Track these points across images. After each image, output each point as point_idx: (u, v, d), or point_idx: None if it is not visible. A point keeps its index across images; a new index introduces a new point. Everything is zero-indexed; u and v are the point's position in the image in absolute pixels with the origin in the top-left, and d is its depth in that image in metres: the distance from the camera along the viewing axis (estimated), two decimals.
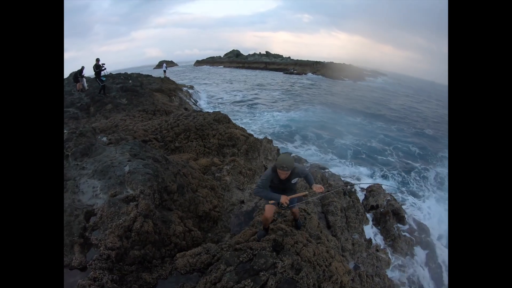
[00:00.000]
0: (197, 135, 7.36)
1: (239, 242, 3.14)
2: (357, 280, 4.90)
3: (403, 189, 11.11)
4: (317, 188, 2.81)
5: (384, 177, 11.91)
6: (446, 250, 7.85)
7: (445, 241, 8.23)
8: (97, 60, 11.06)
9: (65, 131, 4.45)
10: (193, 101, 19.00)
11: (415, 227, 8.34)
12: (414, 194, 10.81)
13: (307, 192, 3.10)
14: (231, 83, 35.35)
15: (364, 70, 72.45)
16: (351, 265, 4.93)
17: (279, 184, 2.89)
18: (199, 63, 70.91)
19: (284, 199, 2.73)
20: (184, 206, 3.95)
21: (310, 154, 13.18)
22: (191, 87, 22.56)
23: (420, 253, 7.45)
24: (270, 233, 3.28)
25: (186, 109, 12.64)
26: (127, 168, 3.32)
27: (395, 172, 12.48)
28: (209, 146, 7.27)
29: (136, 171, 3.29)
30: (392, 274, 6.38)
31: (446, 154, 15.29)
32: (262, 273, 2.35)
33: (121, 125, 7.88)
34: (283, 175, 2.72)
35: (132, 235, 2.63)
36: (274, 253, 2.67)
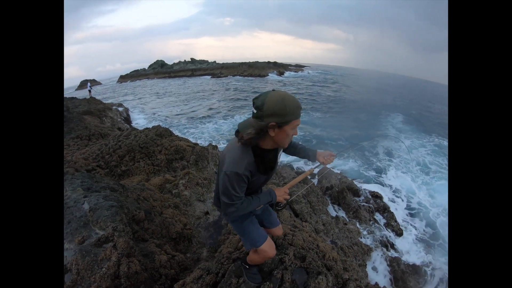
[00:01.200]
0: (142, 154, 6.83)
1: (232, 252, 2.99)
2: (341, 253, 5.27)
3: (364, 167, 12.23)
4: (326, 157, 1.92)
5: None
6: (400, 208, 9.37)
7: (398, 201, 9.64)
8: None
9: None
10: (125, 119, 17.79)
11: (369, 196, 9.46)
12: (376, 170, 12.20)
13: (312, 169, 2.06)
14: (161, 95, 33.89)
15: (289, 65, 77.18)
16: (328, 242, 5.22)
17: (265, 173, 1.60)
18: (123, 78, 65.61)
19: (282, 192, 1.75)
20: (157, 232, 3.61)
21: None
22: (120, 105, 21.11)
23: (380, 217, 8.45)
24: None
25: (120, 129, 11.62)
26: (86, 206, 2.81)
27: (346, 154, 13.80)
28: (158, 163, 6.84)
29: (98, 206, 2.81)
30: (365, 240, 7.09)
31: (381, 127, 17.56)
32: (275, 271, 2.27)
33: None
34: (288, 138, 1.46)
35: (122, 282, 2.21)
36: None
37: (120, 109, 19.39)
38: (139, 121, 19.67)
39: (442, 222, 8.69)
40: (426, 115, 26.12)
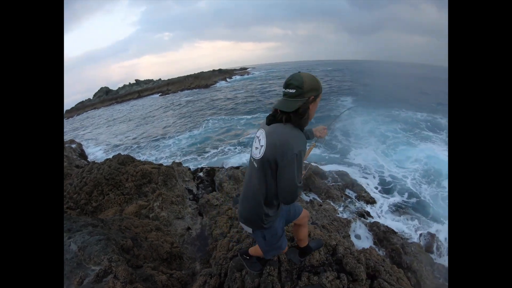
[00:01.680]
0: (110, 186, 6.63)
1: (226, 253, 3.15)
2: (324, 231, 5.63)
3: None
4: (321, 131, 2.10)
5: None
6: (373, 183, 10.13)
7: (370, 178, 10.49)
8: None
9: None
10: (80, 155, 16.87)
11: (335, 175, 10.18)
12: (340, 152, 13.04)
13: (313, 144, 2.23)
14: (112, 123, 32.15)
15: (234, 70, 78.04)
16: (309, 224, 5.58)
17: None
18: (69, 113, 60.27)
19: (310, 149, 2.06)
20: (148, 256, 3.62)
21: (224, 158, 13.79)
22: (72, 141, 19.93)
23: (350, 192, 9.15)
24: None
25: (78, 166, 10.96)
26: (74, 247, 2.75)
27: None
28: (127, 191, 6.71)
29: (86, 244, 2.77)
30: (342, 215, 7.67)
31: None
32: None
33: None
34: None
35: None
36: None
37: (73, 145, 18.36)
38: (97, 154, 18.68)
39: (412, 185, 9.66)
40: (371, 93, 28.25)
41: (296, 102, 1.47)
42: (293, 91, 1.47)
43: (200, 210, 6.13)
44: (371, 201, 8.71)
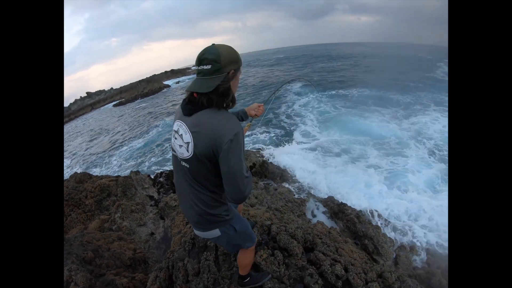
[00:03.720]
0: (71, 206, 6.71)
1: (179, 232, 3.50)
2: (277, 214, 6.10)
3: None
4: (256, 110, 1.98)
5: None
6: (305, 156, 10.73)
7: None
8: None
9: None
10: None
11: (288, 157, 10.82)
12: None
13: (249, 124, 2.10)
14: (66, 142, 30.19)
15: (186, 69, 76.08)
16: (262, 208, 5.93)
17: None
18: None
19: (246, 128, 1.96)
20: (111, 265, 3.90)
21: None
22: None
23: (299, 172, 9.74)
24: None
25: None
26: None
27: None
28: (88, 209, 6.82)
29: None
30: (299, 195, 8.15)
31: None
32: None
33: None
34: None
35: None
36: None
37: None
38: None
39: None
40: (323, 77, 29.36)
41: (214, 79, 1.22)
42: (209, 67, 1.22)
43: (161, 214, 6.36)
44: None
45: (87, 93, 64.01)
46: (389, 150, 10.85)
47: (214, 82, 1.22)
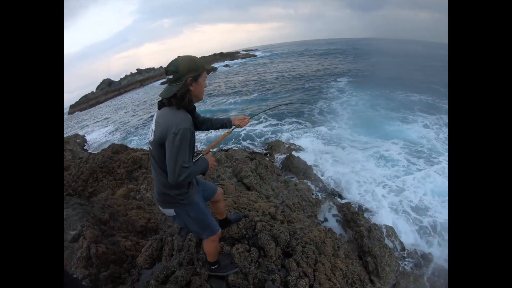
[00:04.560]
0: (104, 173, 7.51)
1: None
2: (286, 210, 6.17)
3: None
4: (241, 120, 2.19)
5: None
6: (354, 158, 10.32)
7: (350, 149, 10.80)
8: None
9: None
10: (85, 149, 17.95)
11: (320, 154, 10.50)
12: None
13: (229, 131, 2.28)
14: (114, 118, 33.13)
15: (236, 53, 76.95)
16: (275, 202, 5.97)
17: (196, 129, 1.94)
18: (73, 107, 61.45)
19: (212, 161, 1.92)
20: (123, 228, 4.44)
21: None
22: (76, 136, 21.15)
23: (321, 171, 9.47)
24: None
25: (81, 158, 12.01)
26: None
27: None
28: (119, 177, 7.56)
29: (68, 216, 3.67)
30: (317, 194, 8.07)
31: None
32: None
33: None
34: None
35: (93, 261, 3.12)
36: None
37: (78, 140, 19.61)
38: (101, 140, 20.08)
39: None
40: (374, 74, 27.58)
41: (173, 87, 1.57)
42: (171, 76, 1.56)
43: None
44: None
45: (137, 69, 68.01)
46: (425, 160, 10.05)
47: (173, 89, 1.58)
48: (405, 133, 12.19)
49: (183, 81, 1.57)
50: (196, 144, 1.87)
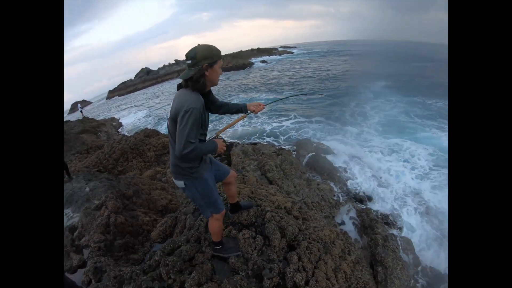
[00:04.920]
0: (134, 154, 8.01)
1: None
2: (304, 207, 6.17)
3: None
4: (256, 106, 2.32)
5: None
6: (379, 165, 9.99)
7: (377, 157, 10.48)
8: None
9: None
10: (119, 131, 19.15)
11: (348, 158, 10.28)
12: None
13: (243, 115, 2.39)
14: (150, 103, 34.83)
15: (273, 49, 76.76)
16: (295, 198, 5.93)
17: (207, 116, 2.02)
18: (112, 93, 66.04)
19: (221, 144, 2.04)
20: (144, 205, 4.74)
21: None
22: (113, 119, 22.66)
23: (358, 172, 9.29)
24: None
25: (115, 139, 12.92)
26: (87, 189, 4.05)
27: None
28: (148, 159, 8.03)
29: (96, 187, 4.04)
30: (338, 196, 7.94)
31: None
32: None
33: None
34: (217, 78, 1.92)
35: (111, 229, 3.41)
36: None
37: (114, 123, 21.15)
38: (136, 123, 21.39)
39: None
40: (413, 79, 26.07)
41: (191, 71, 1.76)
42: (190, 61, 1.76)
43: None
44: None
45: (175, 60, 70.54)
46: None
47: (190, 72, 1.77)
48: (440, 140, 11.49)
49: (199, 66, 1.75)
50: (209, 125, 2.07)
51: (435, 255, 6.14)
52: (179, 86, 1.89)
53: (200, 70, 1.76)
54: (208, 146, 1.94)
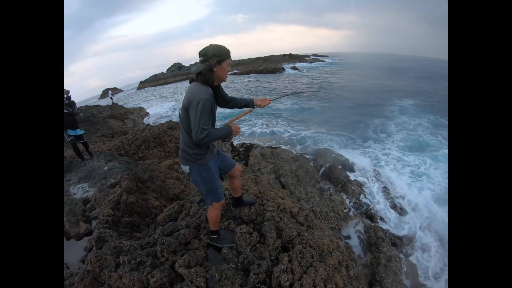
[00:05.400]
0: (155, 143, 8.37)
1: None
2: (311, 215, 6.14)
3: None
4: (262, 101, 2.47)
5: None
6: (398, 183, 9.71)
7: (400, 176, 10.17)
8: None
9: None
10: (145, 120, 19.98)
11: (365, 172, 10.17)
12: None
13: (251, 109, 2.53)
14: (178, 98, 35.92)
15: (305, 56, 76.37)
16: (304, 205, 6.02)
17: (215, 109, 2.22)
18: (143, 83, 68.90)
19: (236, 128, 2.23)
20: (157, 191, 4.99)
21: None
22: (141, 109, 23.43)
23: (375, 192, 9.10)
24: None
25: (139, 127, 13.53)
26: (106, 168, 4.39)
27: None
28: (168, 150, 8.35)
29: (113, 167, 4.38)
30: (348, 210, 7.80)
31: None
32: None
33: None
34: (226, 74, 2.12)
35: (121, 206, 3.68)
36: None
37: (141, 112, 22.11)
38: (156, 120, 22.07)
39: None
40: (445, 100, 25.15)
41: (201, 66, 1.99)
42: (201, 58, 2.01)
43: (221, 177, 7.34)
44: (392, 206, 8.37)
45: None
46: None
47: (200, 67, 2.00)
48: None
49: (209, 63, 1.97)
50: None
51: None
52: (191, 80, 2.11)
53: (209, 66, 1.98)
54: (223, 131, 2.13)
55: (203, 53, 1.98)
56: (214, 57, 1.98)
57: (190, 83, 2.13)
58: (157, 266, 2.52)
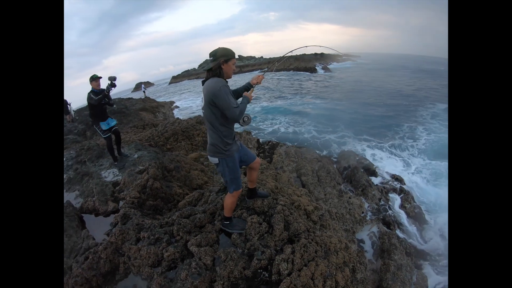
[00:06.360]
0: (184, 137, 8.82)
1: None
2: (327, 215, 6.19)
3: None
4: (256, 79, 2.76)
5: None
6: (423, 192, 9.39)
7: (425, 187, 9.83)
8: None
9: (75, 148, 5.88)
10: (175, 114, 20.87)
11: (388, 177, 9.90)
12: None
13: (252, 89, 2.77)
14: None
15: (337, 56, 74.54)
16: (319, 205, 6.07)
17: None
18: (175, 78, 71.61)
19: (249, 95, 2.66)
20: (181, 181, 5.37)
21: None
22: (172, 103, 24.47)
23: (395, 198, 8.81)
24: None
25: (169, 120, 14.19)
26: (136, 156, 4.90)
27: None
28: (196, 143, 8.75)
29: (142, 156, 4.88)
30: (366, 214, 7.67)
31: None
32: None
33: None
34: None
35: (147, 190, 4.11)
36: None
37: (172, 106, 23.10)
38: (186, 115, 23.04)
39: None
40: None
41: (211, 63, 2.36)
42: (211, 58, 2.37)
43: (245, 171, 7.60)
44: (412, 215, 8.03)
45: (239, 55, 73.05)
46: None
47: (211, 65, 2.36)
48: None
49: (217, 61, 2.32)
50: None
51: None
52: (204, 81, 2.41)
53: (217, 64, 2.33)
54: (245, 101, 2.53)
55: (213, 54, 2.34)
56: (222, 56, 2.33)
57: (203, 84, 2.42)
58: (172, 243, 2.88)
